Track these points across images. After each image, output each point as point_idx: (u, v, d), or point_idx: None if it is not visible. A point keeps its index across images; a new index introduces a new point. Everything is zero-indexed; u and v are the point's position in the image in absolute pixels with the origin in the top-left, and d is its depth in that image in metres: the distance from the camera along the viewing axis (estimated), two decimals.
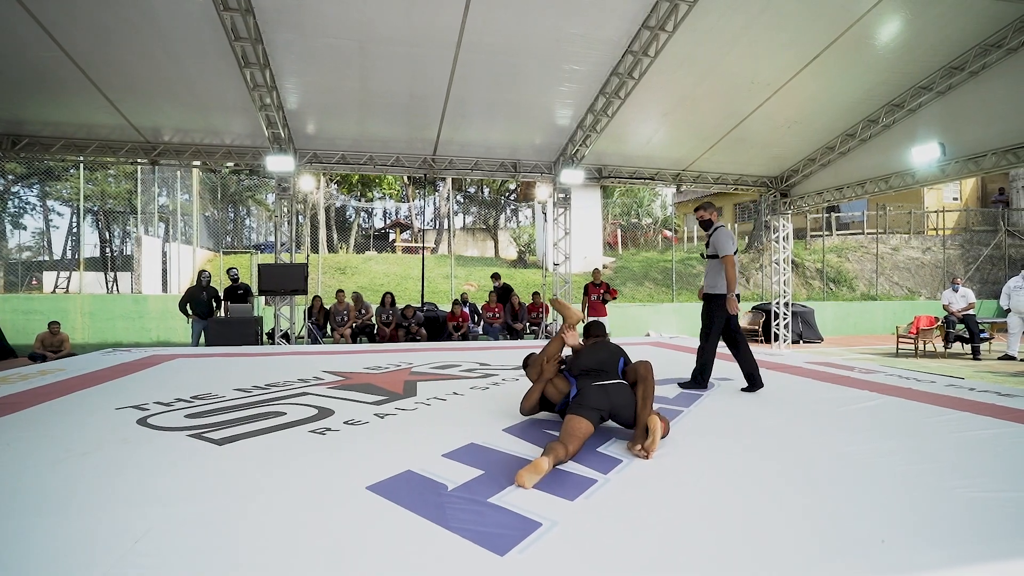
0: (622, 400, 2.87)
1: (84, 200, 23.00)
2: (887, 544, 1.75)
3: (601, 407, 2.80)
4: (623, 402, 2.86)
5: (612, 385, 2.93)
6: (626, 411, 2.86)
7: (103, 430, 3.11)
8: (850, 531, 1.85)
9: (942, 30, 6.48)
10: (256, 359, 6.46)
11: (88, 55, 6.34)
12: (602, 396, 2.84)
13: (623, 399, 2.87)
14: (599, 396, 2.84)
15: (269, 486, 2.26)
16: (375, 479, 2.31)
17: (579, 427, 2.60)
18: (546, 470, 2.29)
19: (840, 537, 1.81)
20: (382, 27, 6.16)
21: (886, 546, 1.73)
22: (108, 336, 10.46)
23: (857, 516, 1.96)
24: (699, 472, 2.45)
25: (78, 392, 4.28)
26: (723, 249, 4.36)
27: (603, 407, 2.81)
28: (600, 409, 2.79)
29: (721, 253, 4.37)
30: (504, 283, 11.33)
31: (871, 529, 1.85)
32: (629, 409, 2.86)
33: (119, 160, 8.44)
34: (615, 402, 2.85)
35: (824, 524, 1.91)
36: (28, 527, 1.87)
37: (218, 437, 2.96)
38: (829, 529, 1.87)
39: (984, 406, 3.67)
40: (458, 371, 5.40)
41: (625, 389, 2.93)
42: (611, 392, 2.88)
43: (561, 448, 2.45)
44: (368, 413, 3.53)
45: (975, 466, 2.48)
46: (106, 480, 2.31)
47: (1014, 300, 9.22)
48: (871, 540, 1.77)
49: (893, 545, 1.74)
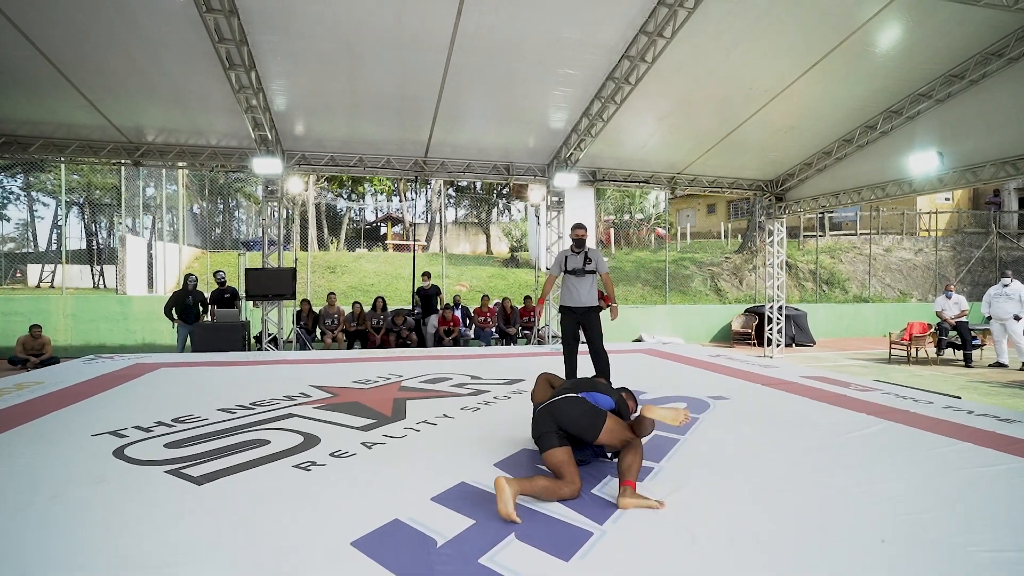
0: (573, 414, 2.69)
1: (70, 192, 22.62)
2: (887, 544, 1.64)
3: (548, 428, 2.68)
4: (574, 415, 2.69)
5: (560, 400, 2.77)
6: (578, 425, 2.67)
7: (76, 463, 2.97)
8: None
9: (943, 38, 6.39)
10: (242, 369, 6.32)
11: (64, 55, 6.10)
12: (545, 417, 2.73)
13: (574, 413, 2.70)
14: (542, 419, 2.74)
15: (249, 542, 2.13)
16: (361, 531, 2.19)
17: (552, 460, 2.61)
18: (511, 496, 2.29)
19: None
20: (371, 29, 5.98)
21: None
22: (92, 338, 10.23)
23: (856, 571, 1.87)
24: (699, 520, 2.34)
25: (54, 413, 4.12)
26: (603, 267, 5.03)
27: (550, 428, 2.68)
28: (549, 431, 2.67)
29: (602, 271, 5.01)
30: (433, 285, 10.07)
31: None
32: (582, 423, 2.67)
33: (101, 161, 8.21)
34: (563, 417, 2.69)
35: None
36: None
37: (198, 474, 2.82)
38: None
39: (985, 435, 3.60)
40: (448, 386, 5.28)
41: (579, 403, 2.74)
42: (558, 408, 2.73)
43: (550, 486, 2.47)
44: (355, 442, 3.41)
45: (985, 514, 2.39)
46: (71, 534, 2.16)
47: (994, 308, 9.24)
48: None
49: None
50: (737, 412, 4.29)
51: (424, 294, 9.88)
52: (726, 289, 16.82)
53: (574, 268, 4.96)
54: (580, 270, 4.94)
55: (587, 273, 4.94)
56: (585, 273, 4.94)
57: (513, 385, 5.30)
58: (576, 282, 4.96)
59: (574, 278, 4.97)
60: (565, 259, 5.06)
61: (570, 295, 5.00)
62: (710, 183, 10.61)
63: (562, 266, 5.06)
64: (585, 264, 4.93)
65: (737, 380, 5.67)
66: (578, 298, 4.96)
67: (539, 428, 2.74)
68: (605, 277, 5.06)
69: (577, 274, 4.95)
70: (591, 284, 4.98)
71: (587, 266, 4.93)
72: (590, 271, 4.94)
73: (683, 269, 17.38)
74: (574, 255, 5.01)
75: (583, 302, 4.95)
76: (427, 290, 9.86)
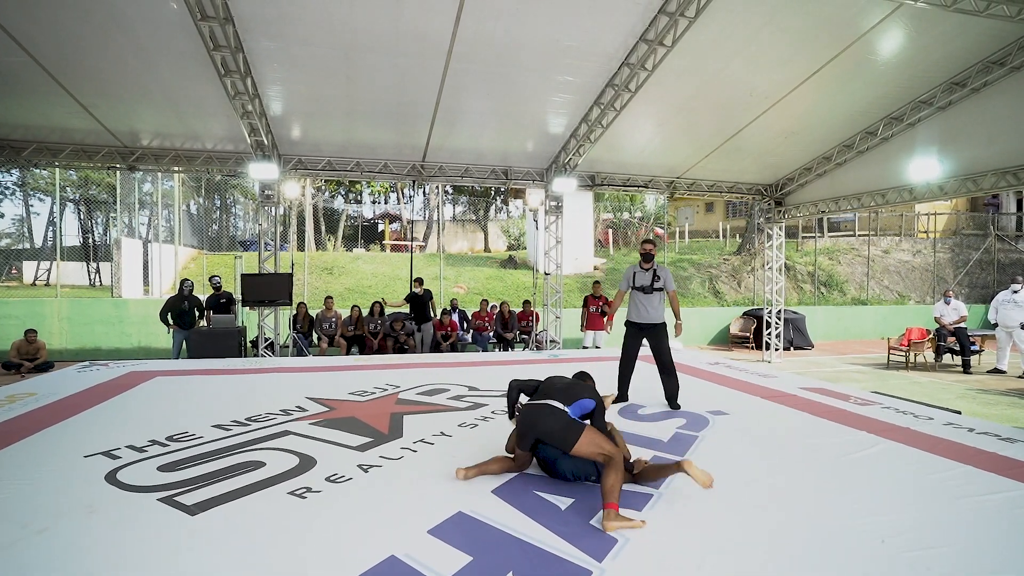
0: (551, 426, 2.84)
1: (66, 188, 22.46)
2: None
3: (528, 436, 2.94)
4: (551, 428, 2.83)
5: (543, 409, 2.91)
6: (554, 438, 2.82)
7: (67, 491, 2.92)
8: None
9: (945, 46, 6.35)
10: (238, 378, 6.26)
11: (58, 60, 6.02)
12: (527, 422, 2.93)
13: (552, 425, 2.83)
14: (525, 422, 2.94)
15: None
16: (357, 570, 2.15)
17: (518, 455, 3.09)
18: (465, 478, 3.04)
19: None
20: (369, 35, 5.91)
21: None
22: (87, 342, 10.17)
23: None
24: (701, 553, 2.31)
25: (47, 430, 4.07)
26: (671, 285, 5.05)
27: (529, 436, 2.94)
28: (528, 438, 2.95)
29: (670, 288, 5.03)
30: (426, 290, 9.71)
31: None
32: (558, 435, 2.81)
33: (95, 165, 8.12)
34: (542, 428, 2.86)
35: None
36: None
37: (191, 502, 2.78)
38: None
39: (987, 457, 3.58)
40: (446, 399, 5.24)
41: (558, 416, 2.86)
42: (539, 418, 2.89)
43: (501, 463, 3.14)
44: (351, 464, 3.37)
45: (990, 550, 2.36)
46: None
47: (1001, 315, 9.19)
48: None
49: None
50: (737, 430, 4.25)
51: (416, 300, 9.62)
52: (724, 291, 16.81)
53: (642, 285, 4.97)
54: (648, 287, 4.94)
55: (655, 290, 4.94)
56: (653, 290, 4.94)
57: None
58: (644, 299, 4.96)
59: (642, 295, 4.97)
60: (633, 275, 5.06)
61: (637, 311, 5.01)
62: (709, 187, 10.57)
63: (630, 282, 5.05)
64: (653, 282, 4.94)
65: (736, 392, 5.64)
66: (645, 315, 4.96)
67: (522, 428, 2.98)
68: (672, 295, 5.01)
69: (645, 291, 4.95)
70: (659, 301, 4.97)
71: (655, 284, 4.94)
72: (658, 288, 4.94)
73: (681, 271, 17.34)
74: (642, 271, 5.02)
75: (651, 319, 4.95)
76: (419, 296, 9.60)
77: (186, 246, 16.52)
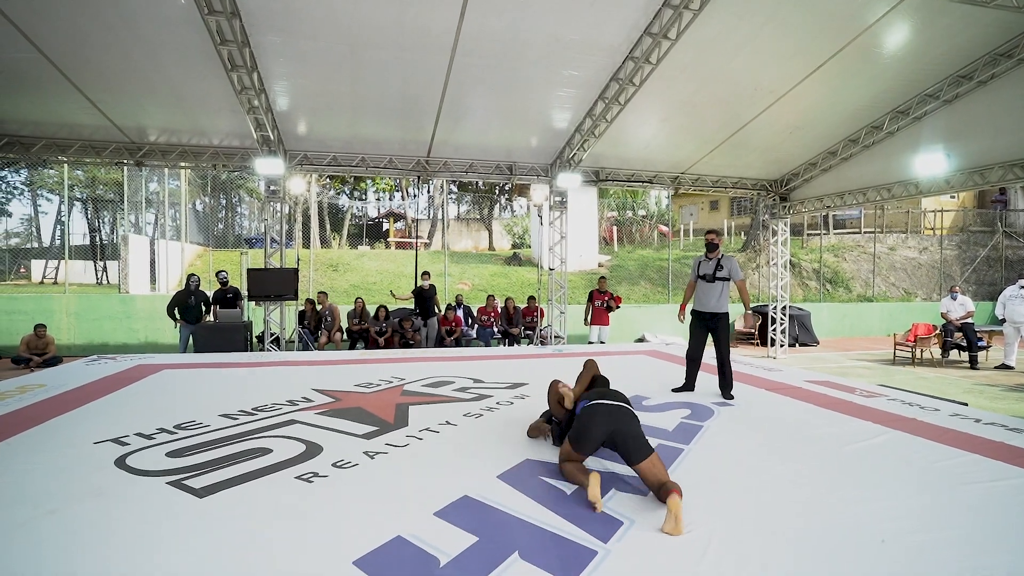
0: (632, 431, 2.75)
1: (73, 187, 22.62)
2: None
3: (598, 436, 2.78)
4: (632, 433, 2.74)
5: (623, 411, 2.84)
6: (629, 446, 2.70)
7: (77, 475, 2.95)
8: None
9: (951, 39, 6.32)
10: (244, 371, 6.30)
11: (67, 56, 6.07)
12: (603, 420, 2.80)
13: (633, 431, 2.75)
14: (598, 420, 2.80)
15: (251, 560, 2.11)
16: (363, 549, 2.17)
17: (571, 464, 2.87)
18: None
19: None
20: (374, 30, 5.93)
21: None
22: (95, 337, 10.24)
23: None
24: (704, 537, 2.31)
25: (57, 418, 4.11)
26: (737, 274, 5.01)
27: (599, 435, 2.78)
28: (595, 439, 2.79)
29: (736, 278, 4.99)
30: (432, 285, 9.78)
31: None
32: (634, 445, 2.70)
33: (103, 161, 8.18)
34: (623, 430, 2.74)
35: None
36: None
37: (199, 486, 2.81)
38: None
39: (993, 446, 3.56)
40: (451, 390, 5.26)
41: (636, 423, 2.82)
42: (620, 418, 2.80)
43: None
44: (357, 451, 3.39)
45: (997, 535, 2.36)
46: (68, 554, 2.14)
47: (1009, 310, 9.14)
48: None
49: None
50: (742, 420, 4.26)
51: (422, 294, 9.70)
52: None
53: (704, 274, 5.04)
54: (711, 276, 4.99)
55: (718, 279, 4.97)
56: (716, 279, 4.97)
57: (516, 390, 5.27)
58: (707, 288, 5.01)
59: (704, 283, 5.04)
60: (698, 264, 5.15)
61: (700, 300, 5.08)
62: (714, 183, 10.55)
63: (696, 272, 5.13)
64: (716, 271, 4.97)
65: (741, 384, 5.63)
66: (707, 303, 5.01)
67: (590, 426, 2.80)
68: (740, 284, 5.05)
69: (707, 279, 5.01)
70: (722, 290, 4.99)
71: (718, 272, 4.96)
72: (721, 278, 4.97)
73: (686, 267, 17.29)
74: (706, 260, 5.09)
75: (712, 308, 4.99)
76: (426, 291, 9.69)
77: (192, 243, 16.61)
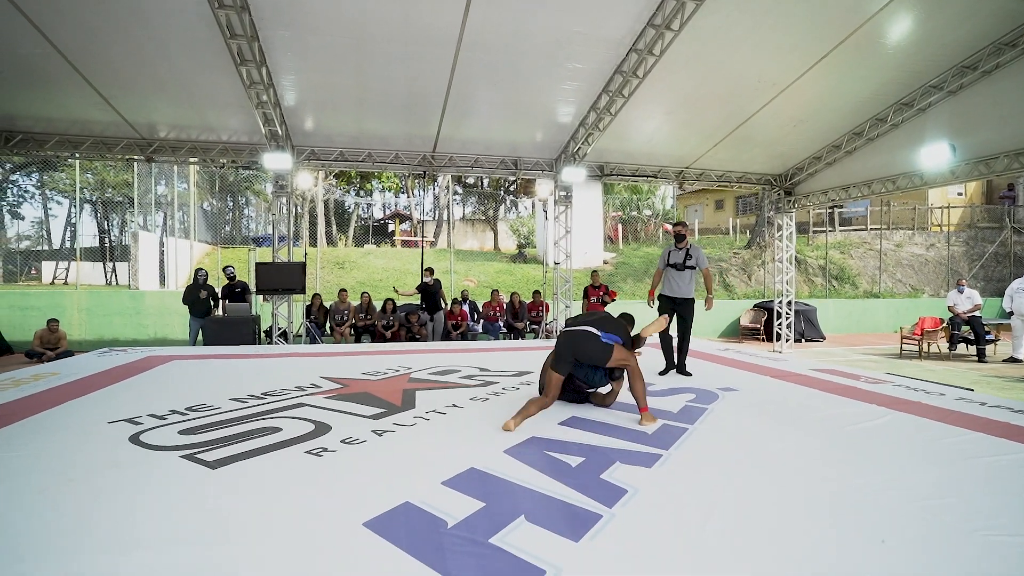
0: (588, 347, 3.48)
1: (83, 190, 22.87)
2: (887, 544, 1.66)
3: (566, 356, 3.52)
4: (589, 348, 3.48)
5: (580, 333, 3.53)
6: (591, 357, 3.52)
7: (94, 450, 3.02)
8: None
9: (954, 29, 6.33)
10: (253, 361, 6.38)
11: (78, 51, 6.18)
12: (567, 344, 3.53)
13: (589, 347, 3.48)
14: (564, 345, 3.54)
15: (262, 523, 2.16)
16: (373, 513, 2.22)
17: (551, 377, 3.57)
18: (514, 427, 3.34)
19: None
20: (380, 24, 6.01)
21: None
22: (105, 332, 10.37)
23: (867, 560, 1.88)
24: (707, 506, 2.35)
25: (71, 402, 4.19)
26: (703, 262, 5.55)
27: (567, 356, 3.52)
28: (566, 360, 3.53)
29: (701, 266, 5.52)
30: (436, 280, 9.81)
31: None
32: (595, 355, 3.50)
33: (114, 157, 8.30)
34: (579, 349, 3.49)
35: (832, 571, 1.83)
36: None
37: (211, 459, 2.87)
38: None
39: (998, 425, 3.58)
40: (457, 378, 5.31)
41: (593, 339, 3.49)
42: (577, 341, 3.50)
43: (537, 403, 3.51)
44: (366, 430, 3.44)
45: (999, 501, 2.38)
46: (87, 516, 2.20)
47: (1016, 302, 9.09)
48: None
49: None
50: (746, 403, 4.29)
51: (427, 290, 9.74)
52: (735, 284, 16.75)
53: (675, 262, 5.49)
54: (681, 264, 5.45)
55: (687, 268, 5.44)
56: (685, 267, 5.44)
57: (521, 377, 5.31)
58: (676, 275, 5.48)
59: (674, 271, 5.49)
60: (668, 254, 5.59)
61: (670, 286, 5.55)
62: (718, 177, 10.57)
63: (665, 260, 5.55)
64: (686, 260, 5.44)
65: (746, 372, 5.67)
66: (677, 289, 5.50)
67: (559, 350, 3.57)
68: (705, 271, 5.51)
69: (678, 267, 5.46)
70: (690, 278, 5.48)
71: (688, 261, 5.43)
72: (690, 266, 5.43)
73: None
74: (676, 250, 5.53)
75: (681, 293, 5.49)
76: (430, 286, 9.73)
77: (201, 241, 16.76)
